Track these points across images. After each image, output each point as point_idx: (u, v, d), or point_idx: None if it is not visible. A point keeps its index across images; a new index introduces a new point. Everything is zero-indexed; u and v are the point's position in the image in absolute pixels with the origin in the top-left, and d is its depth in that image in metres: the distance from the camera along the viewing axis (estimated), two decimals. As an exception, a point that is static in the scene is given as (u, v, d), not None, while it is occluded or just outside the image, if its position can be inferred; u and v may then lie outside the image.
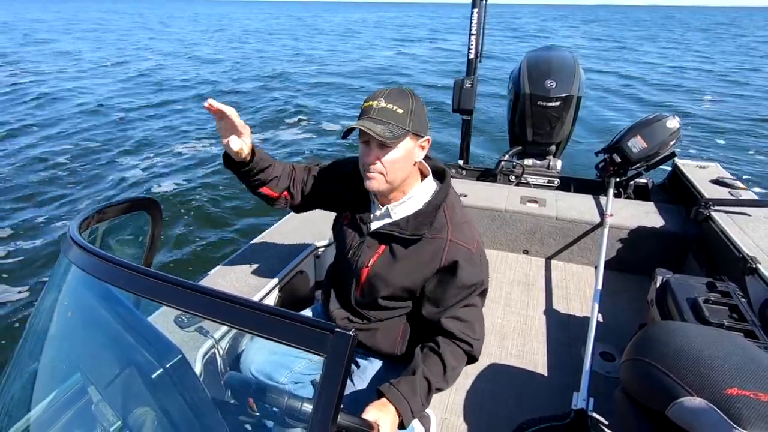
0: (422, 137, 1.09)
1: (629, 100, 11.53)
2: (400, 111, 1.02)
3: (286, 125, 9.24)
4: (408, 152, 1.07)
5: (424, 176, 1.18)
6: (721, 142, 8.32)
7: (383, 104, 1.02)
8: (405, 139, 1.04)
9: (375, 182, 1.08)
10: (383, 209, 1.17)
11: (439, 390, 1.08)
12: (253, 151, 1.17)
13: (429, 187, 1.17)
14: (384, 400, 0.99)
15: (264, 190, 1.27)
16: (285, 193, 1.32)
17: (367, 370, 1.28)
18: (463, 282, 1.09)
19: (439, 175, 1.20)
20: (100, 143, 7.65)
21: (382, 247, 1.15)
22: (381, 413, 0.94)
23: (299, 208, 1.40)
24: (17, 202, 5.33)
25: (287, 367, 1.28)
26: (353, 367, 1.29)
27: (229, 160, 1.18)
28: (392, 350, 1.24)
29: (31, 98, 10.64)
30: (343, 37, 32.32)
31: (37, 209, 5.16)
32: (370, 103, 1.04)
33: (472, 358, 1.15)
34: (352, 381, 1.27)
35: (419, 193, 1.15)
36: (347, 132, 1.05)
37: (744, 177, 6.24)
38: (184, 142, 7.87)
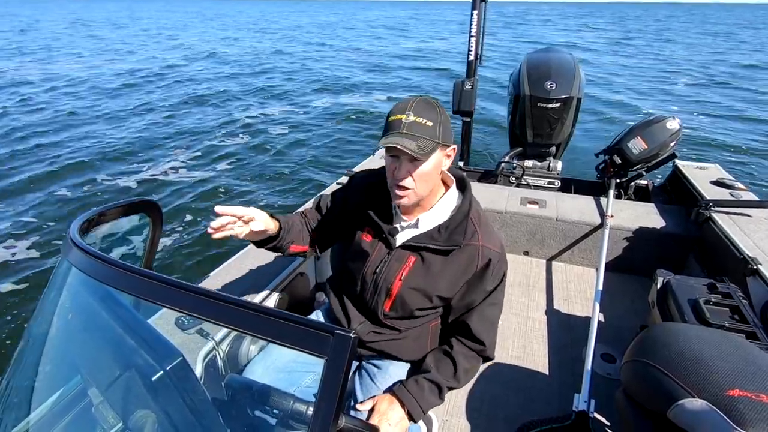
0: (449, 146, 1.07)
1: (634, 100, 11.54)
2: (430, 124, 1.00)
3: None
4: (437, 164, 1.05)
5: (446, 185, 1.18)
6: (722, 142, 8.32)
7: (412, 118, 0.99)
8: (435, 152, 1.03)
9: (406, 199, 1.07)
10: (410, 220, 1.15)
11: (452, 388, 1.17)
12: (276, 219, 1.20)
13: (453, 195, 1.17)
14: (392, 397, 1.12)
15: (294, 248, 1.28)
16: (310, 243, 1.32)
17: (393, 373, 1.27)
18: (493, 281, 1.14)
19: (459, 183, 1.20)
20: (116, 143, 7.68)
21: (412, 258, 1.13)
22: (389, 409, 1.09)
23: (326, 247, 1.38)
24: (17, 203, 5.34)
25: (294, 384, 1.26)
26: (375, 369, 1.29)
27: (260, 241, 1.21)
28: (421, 354, 1.25)
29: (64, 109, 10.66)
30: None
31: (38, 210, 5.16)
32: (398, 116, 1.01)
33: (486, 358, 1.22)
34: (374, 383, 1.25)
35: (445, 203, 1.14)
36: (388, 149, 1.02)
37: (744, 178, 6.24)
38: (188, 144, 7.89)
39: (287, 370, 1.26)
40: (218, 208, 1.00)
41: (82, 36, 28.15)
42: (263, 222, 1.12)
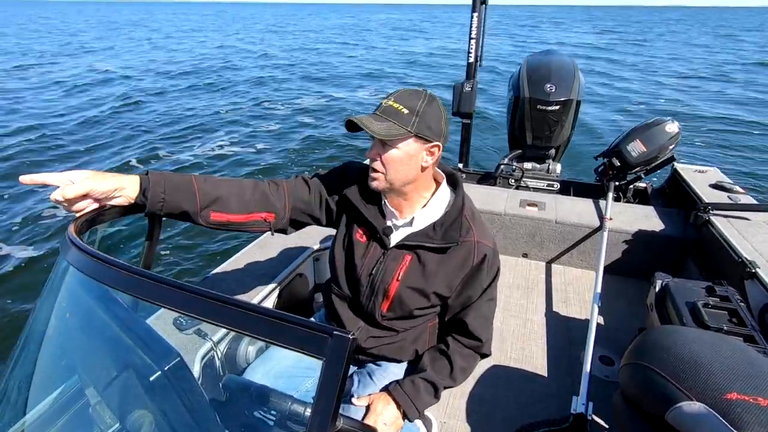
0: (430, 142, 1.04)
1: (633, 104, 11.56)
2: (405, 111, 1.00)
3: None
4: (409, 155, 1.03)
5: (437, 182, 1.17)
6: (721, 145, 8.33)
7: (390, 102, 1.01)
8: (407, 141, 1.01)
9: (376, 182, 1.07)
10: (404, 219, 1.14)
11: (448, 387, 1.18)
12: (143, 183, 0.97)
13: (446, 192, 1.16)
14: (387, 396, 1.12)
15: (215, 216, 1.06)
16: (259, 214, 1.12)
17: (391, 371, 1.27)
18: (489, 277, 1.15)
19: (449, 179, 1.19)
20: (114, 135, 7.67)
21: (408, 257, 1.12)
22: (385, 408, 1.10)
23: (293, 225, 1.22)
24: (15, 201, 5.33)
25: (293, 389, 1.24)
26: (374, 366, 1.29)
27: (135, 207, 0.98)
28: (420, 354, 1.25)
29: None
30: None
31: (35, 209, 5.16)
32: (382, 101, 1.04)
33: (483, 355, 1.23)
34: (372, 380, 1.25)
35: (438, 200, 1.14)
36: (348, 125, 1.02)
37: (743, 181, 6.25)
38: (189, 142, 7.88)
39: (286, 375, 1.25)
40: (22, 178, 0.87)
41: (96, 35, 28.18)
42: (96, 184, 0.88)
